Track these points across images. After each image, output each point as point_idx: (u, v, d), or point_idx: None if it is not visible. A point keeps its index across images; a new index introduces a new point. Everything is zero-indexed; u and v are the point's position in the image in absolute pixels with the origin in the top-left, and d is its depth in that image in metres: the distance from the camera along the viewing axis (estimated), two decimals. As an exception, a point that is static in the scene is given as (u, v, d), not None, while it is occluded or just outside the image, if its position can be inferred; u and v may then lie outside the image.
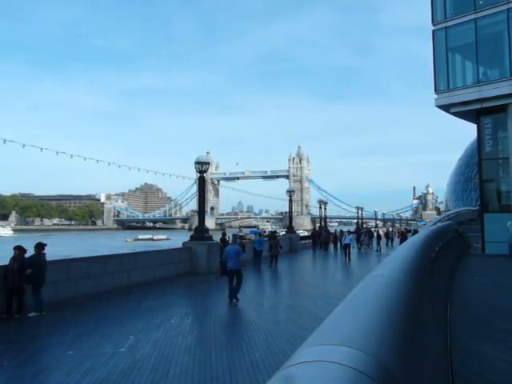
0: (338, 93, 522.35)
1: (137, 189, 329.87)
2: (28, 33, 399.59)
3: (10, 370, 7.03)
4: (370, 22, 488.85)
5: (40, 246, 11.23)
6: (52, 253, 13.48)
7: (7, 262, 10.95)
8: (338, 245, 40.33)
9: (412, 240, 7.81)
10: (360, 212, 71.05)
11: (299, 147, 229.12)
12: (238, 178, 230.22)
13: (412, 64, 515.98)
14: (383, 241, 39.56)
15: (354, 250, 36.97)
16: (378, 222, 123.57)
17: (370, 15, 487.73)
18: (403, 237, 37.84)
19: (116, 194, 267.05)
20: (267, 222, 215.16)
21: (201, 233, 19.71)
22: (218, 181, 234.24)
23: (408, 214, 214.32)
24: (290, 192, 37.70)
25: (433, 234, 10.99)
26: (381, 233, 44.72)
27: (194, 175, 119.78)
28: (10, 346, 8.30)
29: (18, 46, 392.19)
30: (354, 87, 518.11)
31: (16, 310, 10.61)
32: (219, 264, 14.78)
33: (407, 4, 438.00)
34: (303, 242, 38.42)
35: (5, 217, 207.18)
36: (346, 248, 27.34)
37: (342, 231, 45.51)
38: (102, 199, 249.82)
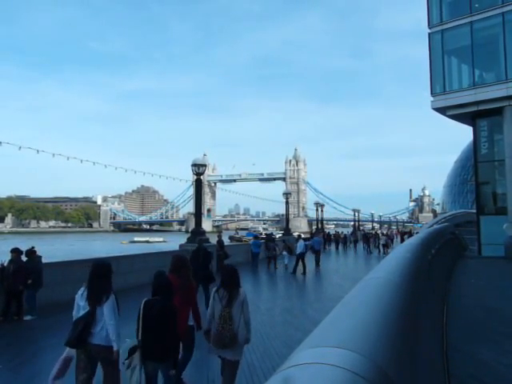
0: (335, 95, 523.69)
1: (133, 191, 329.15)
2: (24, 35, 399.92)
3: (5, 372, 7.00)
4: (365, 26, 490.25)
5: (31, 251, 11.20)
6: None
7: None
8: (339, 246, 40.77)
9: (409, 242, 7.83)
10: (357, 214, 71.14)
11: (296, 149, 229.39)
12: (234, 181, 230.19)
13: (408, 66, 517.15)
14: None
15: (351, 252, 37.09)
16: (374, 224, 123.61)
17: (365, 18, 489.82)
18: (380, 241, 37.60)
19: (112, 197, 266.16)
20: (264, 224, 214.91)
21: (197, 235, 19.66)
22: (215, 183, 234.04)
23: (404, 217, 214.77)
24: (287, 194, 37.75)
25: (429, 236, 11.02)
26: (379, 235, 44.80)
27: (191, 177, 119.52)
28: (5, 349, 8.26)
29: (13, 48, 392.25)
30: (351, 90, 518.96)
31: (15, 312, 10.58)
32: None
33: (403, 7, 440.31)
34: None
35: (1, 219, 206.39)
36: (298, 259, 20.82)
37: (345, 233, 45.60)
38: (99, 201, 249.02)
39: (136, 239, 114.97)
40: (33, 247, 11.43)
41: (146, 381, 4.93)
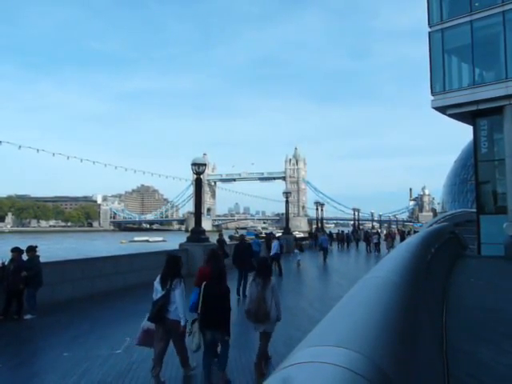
0: (335, 95, 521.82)
1: (133, 190, 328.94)
2: (23, 35, 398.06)
3: (4, 372, 6.99)
4: (364, 25, 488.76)
5: (31, 249, 11.21)
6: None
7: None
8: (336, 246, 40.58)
9: (408, 241, 7.83)
10: (356, 213, 71.09)
11: (296, 149, 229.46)
12: (234, 180, 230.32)
13: (408, 66, 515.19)
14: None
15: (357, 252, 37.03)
16: (374, 223, 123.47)
17: (364, 18, 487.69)
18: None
19: (112, 196, 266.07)
20: (264, 223, 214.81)
21: (197, 234, 19.65)
22: (215, 182, 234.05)
23: (404, 216, 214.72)
24: (287, 193, 37.73)
25: (429, 235, 11.02)
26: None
27: (191, 177, 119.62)
28: (4, 349, 8.25)
29: (13, 49, 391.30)
30: (350, 89, 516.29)
31: (15, 312, 10.59)
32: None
33: (402, 6, 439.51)
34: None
35: (1, 218, 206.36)
36: (273, 261, 17.93)
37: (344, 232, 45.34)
38: (99, 201, 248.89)
39: (136, 239, 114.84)
40: (35, 246, 11.44)
41: (205, 346, 6.26)
